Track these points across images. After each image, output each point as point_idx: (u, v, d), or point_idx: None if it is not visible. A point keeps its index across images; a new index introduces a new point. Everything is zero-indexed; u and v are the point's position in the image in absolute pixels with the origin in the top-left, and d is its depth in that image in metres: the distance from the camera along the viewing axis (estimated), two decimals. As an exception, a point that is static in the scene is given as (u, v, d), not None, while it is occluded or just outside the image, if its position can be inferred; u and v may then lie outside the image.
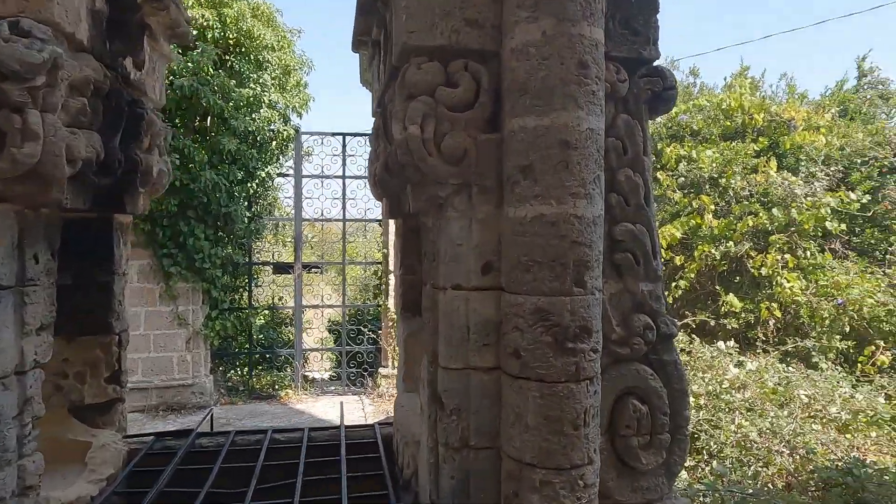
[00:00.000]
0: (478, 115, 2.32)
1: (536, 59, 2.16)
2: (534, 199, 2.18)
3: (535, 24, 2.17)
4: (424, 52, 2.33)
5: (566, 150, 2.14)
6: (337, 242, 8.88)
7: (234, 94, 7.19)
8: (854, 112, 11.19)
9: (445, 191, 2.37)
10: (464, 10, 2.34)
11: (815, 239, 8.82)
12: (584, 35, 2.16)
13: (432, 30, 2.31)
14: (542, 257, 2.17)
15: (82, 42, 2.28)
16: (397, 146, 2.34)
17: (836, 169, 9.23)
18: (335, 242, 9.09)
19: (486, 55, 2.37)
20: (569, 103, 2.14)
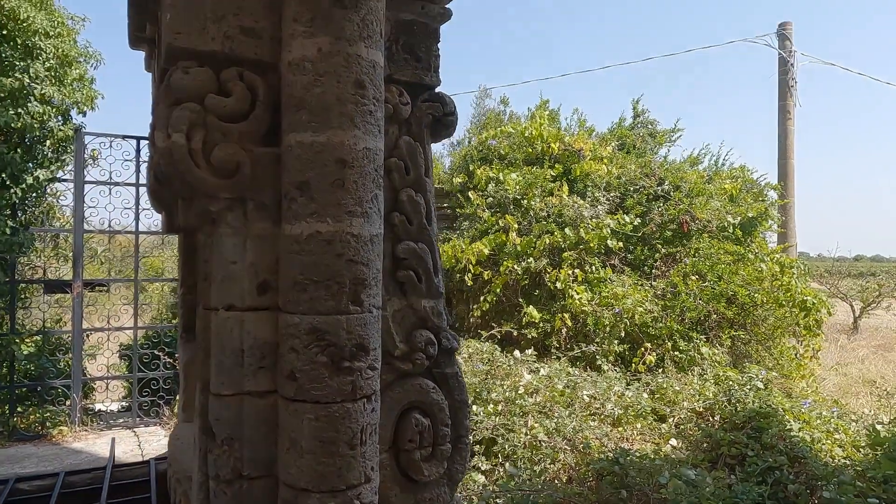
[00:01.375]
0: (254, 128, 2.22)
1: (313, 75, 2.13)
2: (310, 217, 2.13)
3: (311, 39, 2.14)
4: (193, 56, 2.17)
5: (343, 168, 2.14)
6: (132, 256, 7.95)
7: (-7, 83, 6.10)
8: (630, 146, 12.99)
9: (217, 205, 2.23)
10: (239, 17, 2.23)
11: (599, 255, 10.00)
12: (362, 56, 2.19)
13: (202, 33, 2.17)
14: (319, 276, 2.13)
15: None
16: (161, 155, 2.14)
17: (615, 195, 10.61)
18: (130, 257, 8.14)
19: (265, 67, 2.28)
20: (345, 122, 2.14)
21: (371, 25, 2.22)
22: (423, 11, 2.61)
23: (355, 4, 2.17)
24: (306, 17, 2.14)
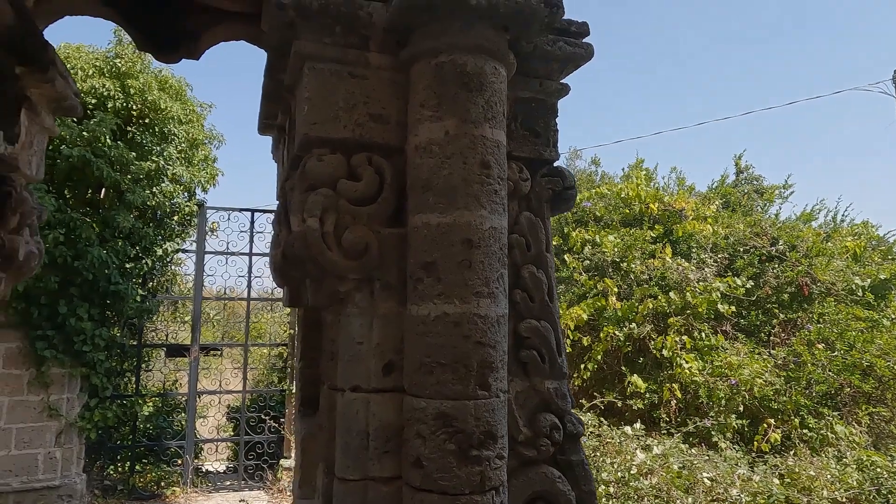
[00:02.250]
0: (381, 210, 2.27)
1: (440, 158, 2.16)
2: (437, 298, 2.11)
3: (438, 123, 2.18)
4: (327, 143, 2.27)
5: (469, 248, 2.11)
6: (241, 321, 8.37)
7: (134, 167, 6.81)
8: (735, 204, 12.34)
9: (346, 286, 2.26)
10: (368, 105, 2.33)
11: (708, 321, 9.36)
12: (487, 136, 2.20)
13: (335, 122, 2.27)
14: (446, 359, 2.07)
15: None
16: (295, 239, 2.22)
17: (723, 256, 10.01)
18: (239, 322, 8.57)
19: (391, 150, 2.35)
20: (472, 202, 2.13)
21: (495, 107, 2.24)
22: (541, 88, 2.61)
23: (480, 88, 2.20)
24: (433, 101, 2.20)
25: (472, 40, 2.19)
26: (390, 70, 2.36)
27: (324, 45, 2.26)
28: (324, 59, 2.27)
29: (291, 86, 2.56)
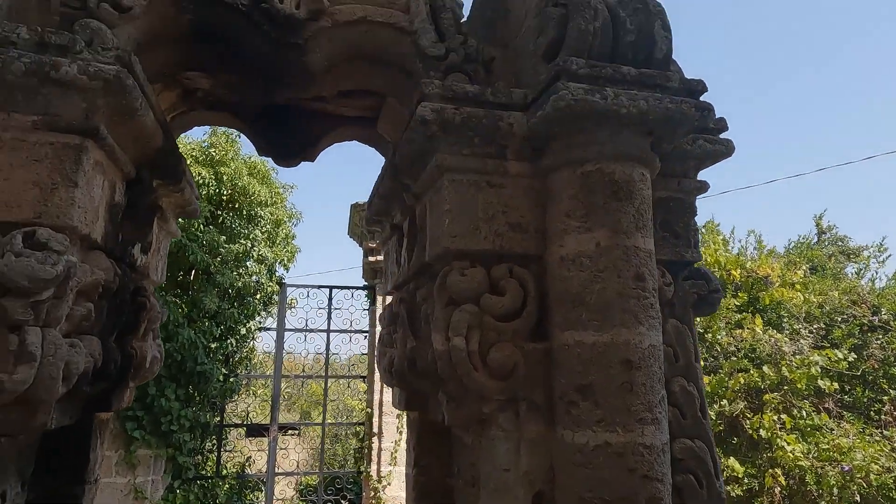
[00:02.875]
0: (525, 325, 2.15)
1: (591, 271, 2.04)
2: (596, 425, 1.94)
3: (587, 234, 2.08)
4: (467, 256, 2.20)
5: (629, 370, 1.95)
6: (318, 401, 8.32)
7: (223, 250, 7.06)
8: (822, 267, 11.66)
9: (489, 406, 2.12)
10: (507, 214, 2.25)
11: (808, 398, 8.65)
12: (639, 247, 2.07)
13: (475, 233, 2.20)
14: (610, 495, 1.88)
15: (96, 240, 2.10)
16: (438, 357, 2.12)
17: (819, 326, 9.35)
18: (316, 400, 8.53)
19: (530, 259, 2.25)
20: (629, 319, 1.99)
21: (644, 214, 2.13)
22: (679, 187, 2.49)
23: (630, 196, 2.09)
24: (580, 212, 2.10)
25: (619, 148, 2.10)
26: (528, 178, 2.29)
27: (463, 157, 2.22)
28: (463, 171, 2.23)
29: (420, 192, 2.53)
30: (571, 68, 2.03)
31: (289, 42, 2.38)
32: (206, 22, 2.36)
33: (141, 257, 2.76)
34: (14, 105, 1.86)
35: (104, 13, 2.13)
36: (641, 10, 2.21)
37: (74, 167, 1.90)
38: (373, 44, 2.54)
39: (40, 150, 1.88)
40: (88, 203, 1.98)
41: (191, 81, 2.79)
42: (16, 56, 1.81)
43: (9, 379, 1.66)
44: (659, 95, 2.09)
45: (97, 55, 1.93)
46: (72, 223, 1.87)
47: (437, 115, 2.14)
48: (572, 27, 2.14)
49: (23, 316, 1.68)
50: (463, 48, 2.49)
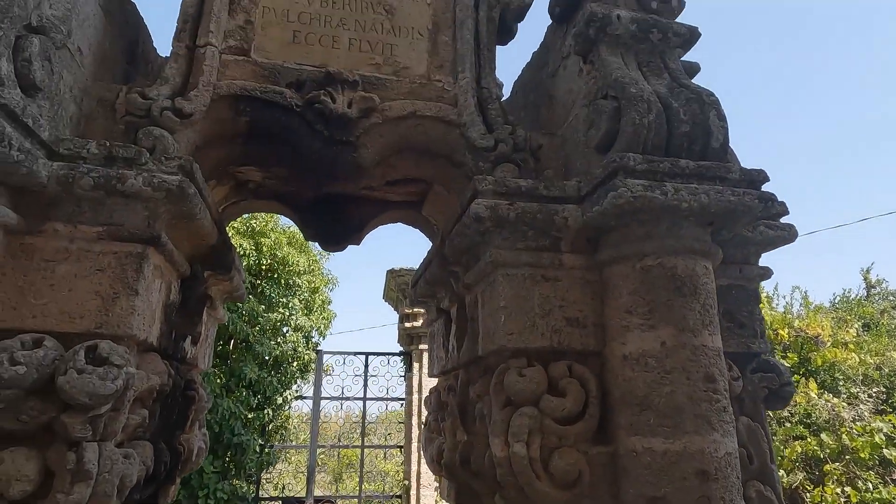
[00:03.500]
0: (588, 428, 2.04)
1: (658, 372, 1.94)
2: (672, 543, 1.79)
3: (651, 332, 1.99)
4: (524, 353, 2.13)
5: (706, 482, 1.82)
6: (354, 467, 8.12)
7: (262, 319, 7.10)
8: (874, 324, 11.13)
9: (553, 517, 2.00)
10: (564, 309, 2.19)
11: (873, 468, 8.09)
12: (707, 346, 1.97)
13: (532, 330, 2.14)
14: None
15: (152, 344, 2.10)
16: (498, 464, 2.02)
17: (879, 390, 8.84)
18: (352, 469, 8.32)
19: (589, 355, 2.16)
20: (702, 425, 1.87)
21: (710, 310, 2.04)
22: (740, 275, 2.40)
23: (694, 291, 2.01)
24: (642, 308, 2.02)
25: (680, 242, 2.04)
26: (583, 270, 2.24)
27: (517, 252, 2.19)
28: (517, 265, 2.19)
29: (472, 284, 2.49)
30: (629, 164, 2.00)
31: (341, 140, 2.42)
32: (262, 123, 2.43)
33: (191, 349, 2.76)
34: (80, 217, 1.91)
35: (166, 120, 2.20)
36: (695, 101, 2.19)
37: (135, 275, 1.91)
38: (422, 137, 2.57)
39: (103, 259, 1.90)
40: (147, 309, 1.99)
41: (243, 174, 2.85)
42: (85, 171, 1.86)
43: (65, 499, 1.62)
44: (720, 188, 2.03)
45: (160, 165, 1.98)
46: (131, 332, 1.88)
47: (491, 213, 2.12)
48: (626, 121, 2.12)
49: (81, 433, 1.67)
50: (511, 138, 2.50)
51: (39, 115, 1.83)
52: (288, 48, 2.53)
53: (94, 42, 2.31)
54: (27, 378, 1.62)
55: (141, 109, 2.21)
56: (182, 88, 2.31)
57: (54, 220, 1.89)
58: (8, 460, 1.61)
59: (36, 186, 1.82)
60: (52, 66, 1.93)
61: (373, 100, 2.45)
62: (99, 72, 2.34)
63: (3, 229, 1.80)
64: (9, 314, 1.79)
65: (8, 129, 1.63)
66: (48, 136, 1.85)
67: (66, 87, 2.10)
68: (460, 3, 2.71)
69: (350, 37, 2.61)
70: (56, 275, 1.86)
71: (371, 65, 2.58)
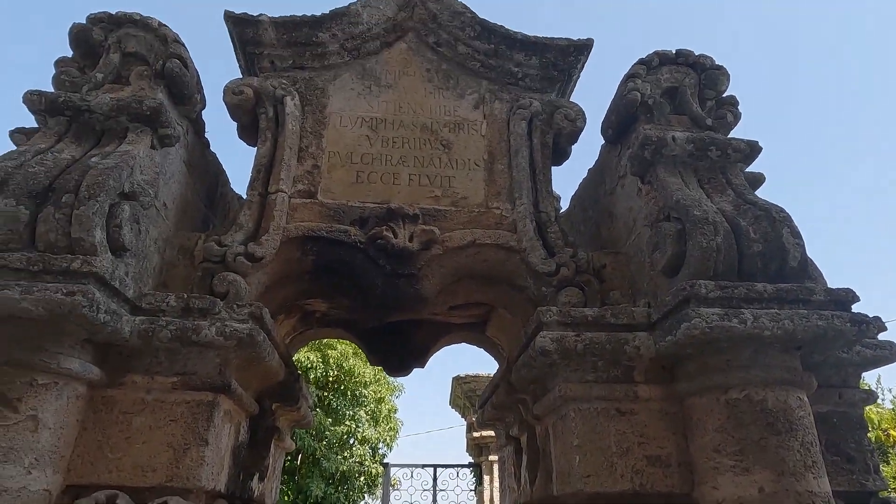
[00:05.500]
0: (684, 588, 1.82)
1: (759, 527, 1.73)
2: None
3: (745, 476, 1.80)
4: (603, 498, 1.96)
5: None
6: None
7: (329, 433, 7.05)
8: None
9: None
10: (643, 446, 2.03)
11: None
12: (813, 491, 1.76)
13: (610, 472, 1.98)
14: None
15: (220, 491, 2.09)
16: None
17: None
18: None
19: (675, 499, 1.97)
20: (820, 591, 1.62)
21: (811, 449, 1.83)
22: (840, 400, 2.18)
23: (790, 428, 1.83)
24: (732, 447, 1.85)
25: (767, 373, 1.89)
26: (661, 401, 2.10)
27: (588, 385, 2.09)
28: (589, 399, 2.08)
29: (542, 415, 2.38)
30: (700, 293, 1.91)
31: (403, 273, 2.46)
32: (327, 259, 2.51)
33: (258, 487, 2.72)
34: (157, 367, 1.98)
35: (240, 265, 2.31)
36: (764, 217, 2.11)
37: (206, 425, 1.94)
38: (482, 265, 2.57)
39: (176, 409, 1.95)
40: (215, 457, 2.00)
41: (310, 306, 2.93)
42: (164, 325, 1.96)
43: None
44: (804, 312, 1.90)
45: (232, 313, 2.05)
46: (199, 483, 1.87)
47: (557, 345, 2.05)
48: (692, 245, 2.05)
49: None
50: (573, 261, 2.46)
51: (126, 274, 1.97)
52: (352, 188, 2.66)
53: (177, 195, 2.51)
54: (98, 542, 1.62)
55: (216, 256, 2.34)
56: (254, 233, 2.45)
57: (133, 373, 1.97)
58: None
59: (119, 341, 1.92)
60: (140, 227, 2.09)
61: (433, 232, 2.50)
62: (181, 221, 2.53)
63: (88, 385, 1.89)
64: (86, 469, 1.84)
65: (97, 295, 1.75)
66: (132, 293, 1.98)
67: (152, 240, 2.26)
68: (514, 133, 2.80)
69: (409, 172, 2.73)
70: (132, 427, 1.91)
71: (430, 197, 2.66)
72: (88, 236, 1.84)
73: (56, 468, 1.77)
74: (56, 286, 1.70)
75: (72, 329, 1.78)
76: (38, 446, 1.70)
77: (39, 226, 1.86)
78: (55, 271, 1.74)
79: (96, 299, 1.74)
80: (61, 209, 1.87)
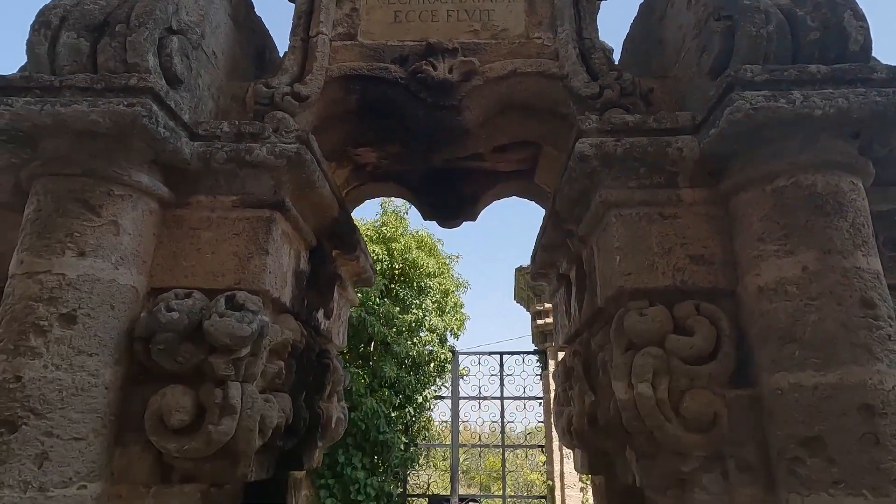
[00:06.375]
0: (722, 369, 1.87)
1: (801, 300, 1.73)
2: (833, 487, 1.57)
3: (789, 258, 1.78)
4: (644, 294, 2.00)
5: (871, 417, 1.58)
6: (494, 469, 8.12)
7: (397, 321, 7.42)
8: None
9: (689, 465, 1.84)
10: (686, 247, 2.04)
11: None
12: (862, 268, 1.72)
13: (651, 269, 2.01)
14: (867, 580, 1.48)
15: (285, 304, 2.29)
16: (622, 408, 1.91)
17: None
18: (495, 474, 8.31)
19: (718, 294, 1.99)
20: (861, 355, 1.63)
21: (862, 230, 1.78)
22: (903, 198, 2.07)
23: (840, 209, 1.77)
24: (777, 233, 1.82)
25: (819, 156, 1.82)
26: (704, 204, 2.07)
27: (629, 190, 2.08)
28: (631, 204, 2.08)
29: (585, 235, 2.41)
30: (745, 76, 1.83)
31: (444, 105, 2.48)
32: (370, 98, 2.57)
33: (324, 322, 2.96)
34: (218, 189, 2.15)
35: (287, 104, 2.41)
36: (824, 4, 1.95)
37: (266, 237, 2.11)
38: (524, 94, 2.55)
39: (238, 225, 2.12)
40: (277, 269, 2.18)
41: (360, 157, 3.03)
42: (219, 147, 2.10)
43: (215, 430, 1.81)
44: (862, 90, 1.79)
45: (281, 138, 2.17)
46: (264, 287, 2.06)
47: (596, 150, 2.05)
48: (740, 36, 1.95)
49: (225, 371, 1.85)
50: (618, 83, 2.40)
51: (181, 101, 2.10)
52: (390, 28, 2.66)
53: (225, 48, 2.60)
54: (180, 323, 1.85)
55: (265, 97, 2.44)
56: (299, 76, 2.53)
57: (197, 194, 2.14)
58: (169, 395, 1.83)
59: (181, 164, 2.09)
60: (191, 62, 2.21)
61: (473, 63, 2.49)
62: (232, 73, 2.63)
63: (159, 202, 2.08)
64: (166, 275, 2.06)
65: (155, 107, 1.89)
66: (189, 119, 2.12)
67: (205, 84, 2.38)
68: (555, -41, 2.68)
69: (448, 9, 2.69)
70: (201, 240, 2.11)
71: (469, 32, 2.63)
72: (143, 61, 1.97)
73: (140, 270, 2.00)
74: (118, 100, 1.86)
75: (138, 146, 1.95)
76: (122, 248, 1.92)
77: (98, 56, 2.01)
78: (116, 88, 1.88)
79: (154, 111, 1.88)
80: (116, 38, 2.00)
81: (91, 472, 1.76)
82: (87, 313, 1.80)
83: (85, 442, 1.74)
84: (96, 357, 1.80)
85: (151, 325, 1.86)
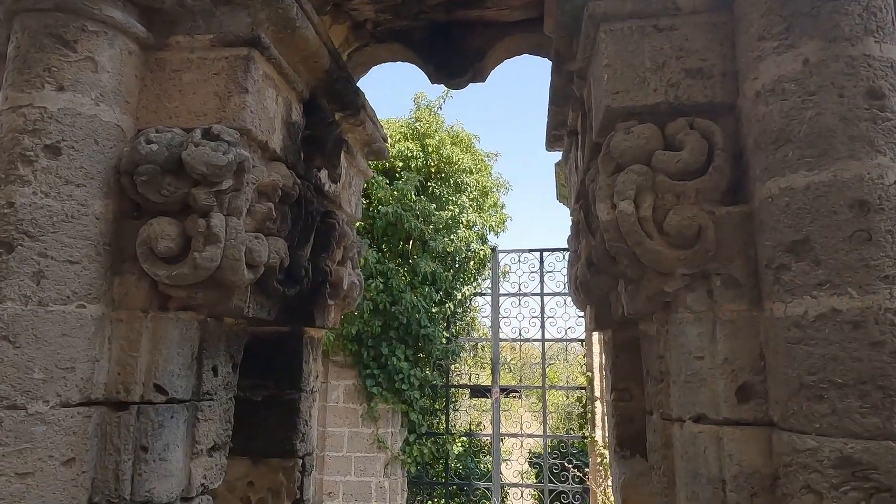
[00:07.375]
0: (713, 183, 1.75)
1: (798, 97, 1.57)
2: (817, 289, 1.48)
3: (790, 52, 1.60)
4: (634, 114, 1.88)
5: (865, 213, 1.45)
6: (536, 365, 8.29)
7: (434, 218, 7.44)
8: None
9: (673, 284, 1.78)
10: (682, 60, 1.87)
11: None
12: (872, 55, 1.53)
13: (643, 87, 1.87)
14: (845, 376, 1.41)
15: (275, 151, 2.29)
16: (605, 229, 1.85)
17: None
18: (534, 364, 8.50)
19: (717, 110, 1.84)
20: (860, 148, 1.48)
21: (878, 13, 1.56)
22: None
23: (852, -9, 1.56)
24: (778, 27, 1.63)
25: (831, -69, 1.58)
26: (706, 13, 1.88)
27: (620, 1, 1.90)
28: (622, 17, 1.91)
29: (584, 68, 2.26)
30: None
31: (430, -67, 2.31)
32: (355, -65, 2.42)
33: (330, 185, 2.97)
34: (196, 29, 2.11)
35: (267, -57, 2.30)
36: None
37: (244, 75, 2.08)
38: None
39: (217, 64, 2.10)
40: (261, 111, 2.16)
41: (357, 12, 2.91)
42: (191, -19, 2.04)
43: (199, 256, 1.87)
44: None
45: (256, -28, 2.08)
46: (245, 125, 2.06)
47: (583, -47, 1.87)
48: None
49: (206, 202, 1.89)
50: None
51: (149, -65, 2.04)
52: None
53: None
54: (160, 154, 1.88)
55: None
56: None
57: (176, 34, 2.12)
58: (156, 224, 1.90)
59: (156, 3, 2.06)
60: None
61: None
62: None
63: (138, 42, 2.08)
64: (151, 116, 2.09)
65: (114, -67, 1.84)
66: (159, -46, 2.06)
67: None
68: None
69: None
70: (183, 81, 2.10)
71: None
72: None
73: (124, 110, 2.02)
74: (76, -75, 1.81)
75: (108, -20, 1.92)
76: (101, 84, 1.94)
77: None
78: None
79: (113, -64, 1.84)
80: None
81: (89, 294, 1.87)
82: (70, 146, 1.86)
83: (80, 266, 1.85)
84: (84, 188, 1.87)
85: (134, 158, 1.90)
